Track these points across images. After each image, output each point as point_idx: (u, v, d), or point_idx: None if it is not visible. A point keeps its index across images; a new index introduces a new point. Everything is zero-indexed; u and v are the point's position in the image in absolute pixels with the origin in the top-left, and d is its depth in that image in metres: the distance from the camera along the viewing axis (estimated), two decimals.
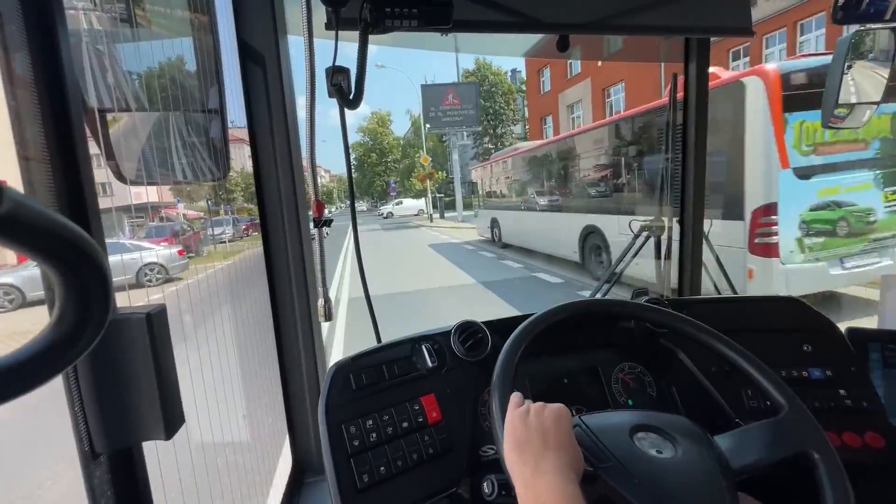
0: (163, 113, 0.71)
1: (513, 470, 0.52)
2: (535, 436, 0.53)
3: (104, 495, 0.46)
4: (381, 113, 43.80)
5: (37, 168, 0.40)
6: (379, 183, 43.74)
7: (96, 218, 0.46)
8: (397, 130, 46.71)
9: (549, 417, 0.55)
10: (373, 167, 42.28)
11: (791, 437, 0.57)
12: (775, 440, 0.57)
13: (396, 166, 40.69)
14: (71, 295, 0.25)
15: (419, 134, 32.89)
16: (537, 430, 0.54)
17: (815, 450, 0.55)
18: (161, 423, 0.46)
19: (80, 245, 0.25)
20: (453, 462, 0.72)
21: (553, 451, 0.51)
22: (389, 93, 75.70)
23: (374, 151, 42.05)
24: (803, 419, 0.59)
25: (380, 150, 41.71)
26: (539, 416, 0.56)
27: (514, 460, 0.53)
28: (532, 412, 0.56)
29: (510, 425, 0.56)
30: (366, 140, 42.09)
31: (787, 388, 0.63)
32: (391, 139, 42.39)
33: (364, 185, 44.33)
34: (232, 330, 1.25)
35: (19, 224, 0.21)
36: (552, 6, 0.99)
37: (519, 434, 0.54)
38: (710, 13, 1.08)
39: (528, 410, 0.57)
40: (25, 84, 0.39)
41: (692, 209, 1.34)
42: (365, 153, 42.29)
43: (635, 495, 0.50)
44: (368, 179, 43.45)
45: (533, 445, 0.52)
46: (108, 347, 0.44)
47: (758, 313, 0.99)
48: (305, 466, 1.15)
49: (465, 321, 0.85)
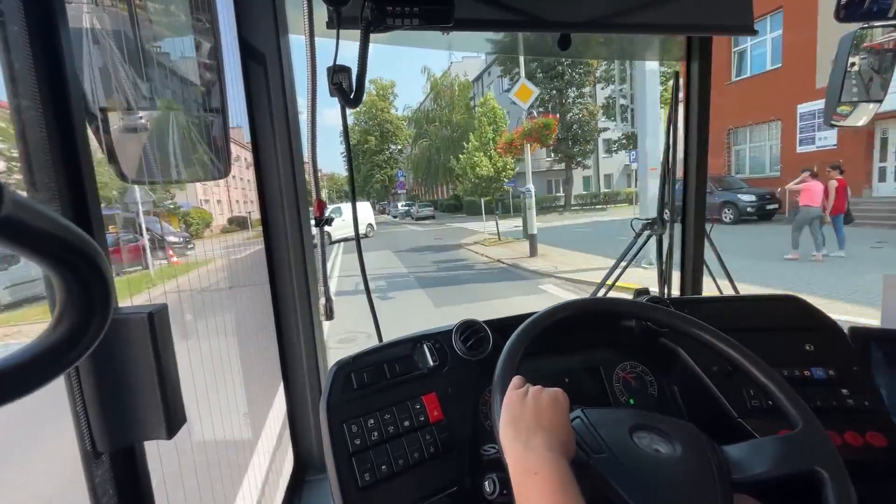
0: (164, 112, 0.71)
1: (505, 445, 0.54)
2: (530, 414, 0.55)
3: (106, 494, 0.46)
4: (382, 82, 31.97)
5: (38, 169, 0.40)
6: (379, 177, 33.02)
7: (98, 219, 0.46)
8: (399, 109, 33.27)
9: (545, 399, 0.57)
10: (370, 156, 30.30)
11: (803, 454, 0.56)
12: (786, 455, 0.55)
13: (399, 156, 29.81)
14: (72, 296, 0.25)
15: (458, 99, 23.82)
16: (533, 410, 0.56)
17: (826, 469, 0.53)
18: (163, 423, 0.46)
19: (81, 246, 0.25)
20: (454, 461, 0.72)
21: (545, 430, 0.53)
22: (393, 57, 53.87)
23: (372, 134, 30.13)
24: (818, 437, 0.57)
25: (380, 133, 29.83)
26: (536, 396, 0.58)
27: (507, 435, 0.54)
28: (530, 393, 0.58)
29: (507, 403, 0.58)
30: (360, 119, 30.19)
31: (802, 404, 0.61)
32: (394, 118, 30.32)
33: (358, 180, 32.63)
34: (233, 330, 1.25)
35: (20, 226, 0.21)
36: (554, 5, 0.98)
37: (515, 412, 0.56)
38: (712, 11, 1.08)
39: (526, 391, 0.59)
40: (27, 84, 0.39)
41: (693, 208, 1.34)
42: (361, 137, 29.93)
43: (625, 487, 0.50)
44: (365, 173, 32.21)
45: (527, 421, 0.54)
46: (110, 347, 0.44)
47: (760, 312, 0.98)
48: (307, 464, 1.15)
49: (466, 320, 0.85)
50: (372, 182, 32.77)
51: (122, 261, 1.40)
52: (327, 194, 53.28)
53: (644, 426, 0.59)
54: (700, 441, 0.58)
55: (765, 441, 0.59)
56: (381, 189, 35.62)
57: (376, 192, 36.50)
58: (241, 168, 1.33)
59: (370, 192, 35.98)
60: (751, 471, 0.54)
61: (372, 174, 30.46)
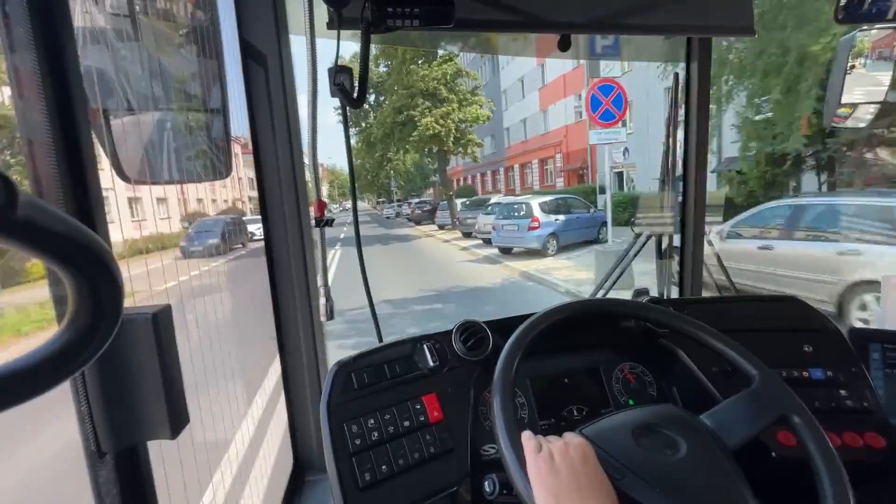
0: (165, 112, 0.71)
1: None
2: (569, 481, 0.51)
3: (109, 494, 0.46)
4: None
5: (43, 169, 0.41)
6: (408, 159, 23.19)
7: (102, 219, 0.46)
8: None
9: (574, 457, 0.53)
10: (402, 112, 17.38)
11: (767, 403, 0.62)
12: (755, 411, 0.62)
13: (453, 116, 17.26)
14: (84, 297, 0.26)
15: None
16: (569, 475, 0.51)
17: (793, 412, 0.60)
18: (167, 423, 0.46)
19: (92, 247, 0.25)
20: (454, 461, 0.72)
21: (591, 497, 0.50)
22: None
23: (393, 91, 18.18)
24: (773, 383, 0.64)
25: (428, 91, 17.03)
26: (565, 458, 0.53)
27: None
28: (556, 455, 0.53)
29: (538, 475, 0.52)
30: (381, 69, 18.85)
31: (753, 357, 0.67)
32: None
33: (371, 166, 22.29)
34: (233, 329, 1.25)
35: (35, 228, 0.21)
36: (554, 5, 0.99)
37: (549, 483, 0.51)
38: (712, 13, 1.08)
39: (550, 454, 0.54)
40: (32, 85, 0.39)
41: (693, 209, 1.34)
42: (387, 90, 19.02)
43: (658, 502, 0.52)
44: (378, 156, 20.97)
45: (569, 493, 0.50)
46: (115, 347, 0.44)
47: (758, 313, 0.99)
48: (307, 465, 1.15)
49: (466, 320, 0.85)
50: (381, 176, 24.81)
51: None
52: (329, 192, 45.69)
53: (644, 428, 0.60)
54: (686, 422, 0.62)
55: (729, 403, 0.64)
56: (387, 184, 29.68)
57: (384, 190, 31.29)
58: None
59: (378, 186, 30.27)
60: (735, 438, 0.59)
61: (400, 151, 20.75)
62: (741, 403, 0.63)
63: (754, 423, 0.60)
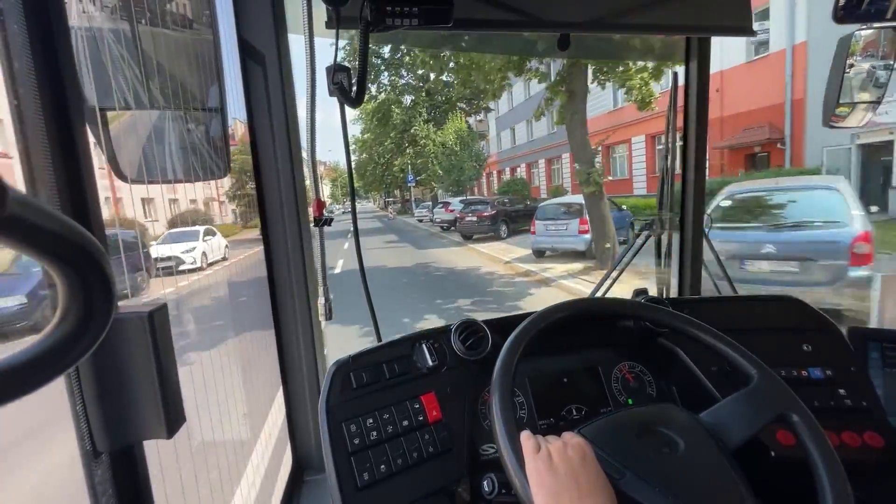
0: (163, 111, 0.70)
1: None
2: (567, 481, 0.51)
3: (105, 494, 0.46)
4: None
5: (38, 167, 0.40)
6: (449, 129, 19.67)
7: (97, 218, 0.46)
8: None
9: (573, 457, 0.53)
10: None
11: (766, 402, 0.62)
12: (754, 410, 0.62)
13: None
14: (74, 295, 0.25)
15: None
16: (568, 475, 0.51)
17: (792, 411, 0.60)
18: (163, 422, 0.46)
19: (83, 245, 0.25)
20: (453, 460, 0.72)
21: (590, 497, 0.50)
22: None
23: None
24: (772, 383, 0.64)
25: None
26: (564, 458, 0.53)
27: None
28: (555, 455, 0.53)
29: (537, 476, 0.52)
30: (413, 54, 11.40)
31: (753, 356, 0.67)
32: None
33: (380, 159, 19.78)
34: (232, 329, 1.25)
35: (24, 225, 0.21)
36: (553, 5, 0.99)
37: (548, 483, 0.51)
38: (711, 12, 1.08)
39: (549, 454, 0.54)
40: (26, 83, 0.39)
41: (692, 208, 1.34)
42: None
43: (657, 501, 0.51)
44: (388, 147, 18.41)
45: (569, 492, 0.50)
46: (110, 346, 0.44)
47: (758, 313, 0.99)
48: (305, 464, 1.15)
49: (465, 319, 0.85)
50: (392, 170, 21.57)
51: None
52: (331, 191, 42.25)
53: (643, 428, 0.60)
54: (687, 421, 0.62)
55: (729, 401, 0.64)
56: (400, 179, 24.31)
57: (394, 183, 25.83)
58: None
59: (387, 183, 25.44)
60: (736, 438, 0.59)
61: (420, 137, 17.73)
62: (740, 402, 0.63)
63: (753, 423, 0.60)
